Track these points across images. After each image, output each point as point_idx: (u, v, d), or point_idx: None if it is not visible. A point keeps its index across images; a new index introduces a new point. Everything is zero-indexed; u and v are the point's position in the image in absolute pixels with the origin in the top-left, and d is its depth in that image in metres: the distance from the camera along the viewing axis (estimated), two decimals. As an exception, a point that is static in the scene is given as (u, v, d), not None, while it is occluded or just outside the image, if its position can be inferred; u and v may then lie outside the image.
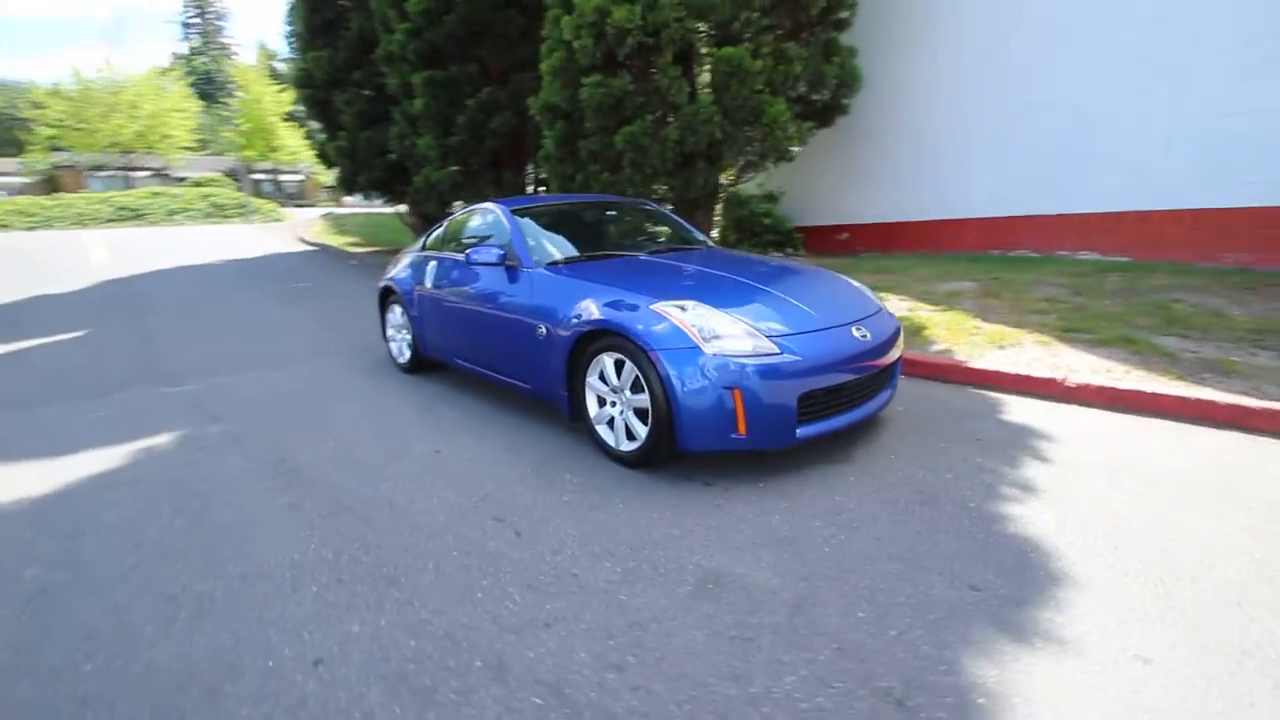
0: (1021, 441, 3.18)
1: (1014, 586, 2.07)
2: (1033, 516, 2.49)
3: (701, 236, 4.36)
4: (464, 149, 9.66)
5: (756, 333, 2.79)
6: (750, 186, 9.15)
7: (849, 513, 2.57)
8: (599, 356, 3.04)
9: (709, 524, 2.52)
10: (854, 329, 3.01)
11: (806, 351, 2.78)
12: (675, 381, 2.71)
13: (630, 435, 3.00)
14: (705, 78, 7.28)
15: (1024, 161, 7.28)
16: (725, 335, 2.75)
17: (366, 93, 11.35)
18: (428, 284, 4.40)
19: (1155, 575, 2.12)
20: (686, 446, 2.77)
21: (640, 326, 2.83)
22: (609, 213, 4.44)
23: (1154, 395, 3.46)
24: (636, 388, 2.90)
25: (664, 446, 2.83)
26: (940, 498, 2.66)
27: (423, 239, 4.89)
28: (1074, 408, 3.61)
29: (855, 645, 1.83)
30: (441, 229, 4.63)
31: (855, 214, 9.12)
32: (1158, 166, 6.16)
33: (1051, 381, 3.74)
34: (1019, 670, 1.73)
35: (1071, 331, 4.51)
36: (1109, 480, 2.77)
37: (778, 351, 2.73)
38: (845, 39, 7.73)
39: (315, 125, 13.79)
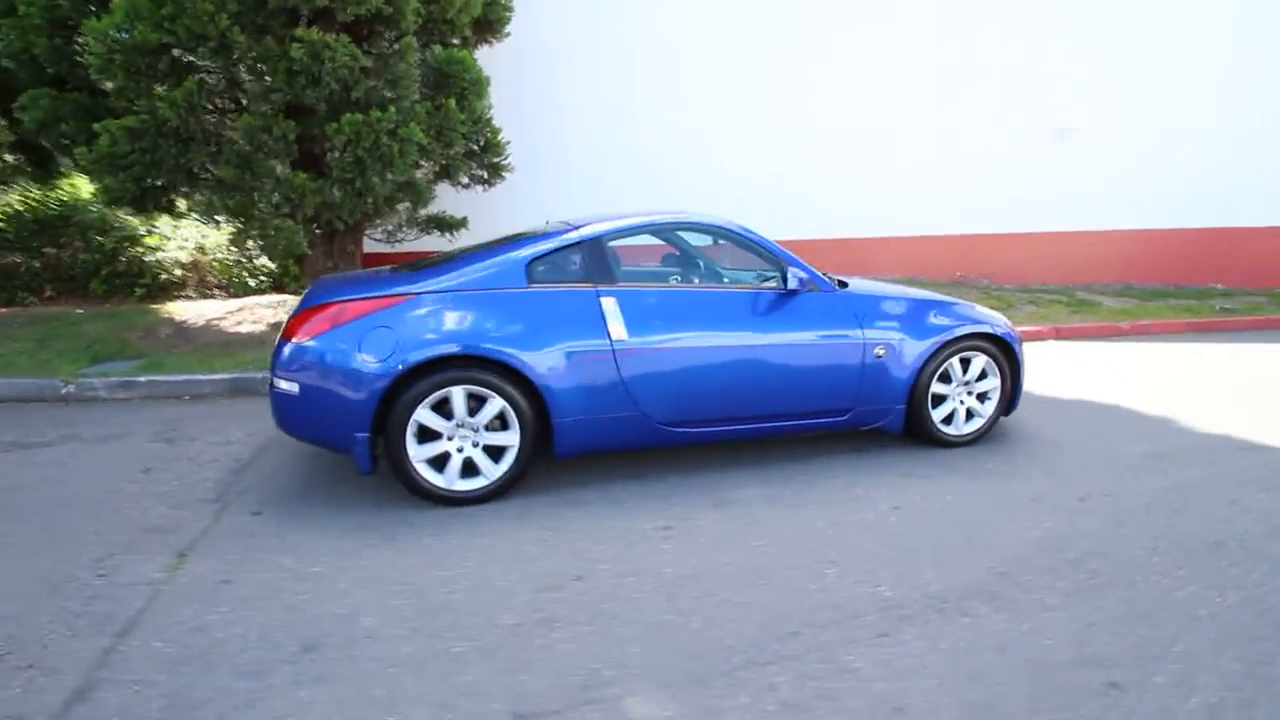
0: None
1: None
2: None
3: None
4: None
5: None
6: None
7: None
8: (949, 360, 3.46)
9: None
10: None
11: None
12: (1021, 360, 3.62)
13: (967, 418, 3.59)
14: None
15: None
16: None
17: None
18: (624, 331, 2.87)
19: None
20: (1012, 411, 3.71)
21: (999, 323, 3.55)
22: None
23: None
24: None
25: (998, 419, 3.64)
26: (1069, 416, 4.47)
27: (470, 274, 2.94)
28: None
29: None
30: (577, 252, 3.03)
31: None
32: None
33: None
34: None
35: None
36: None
37: None
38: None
39: None
